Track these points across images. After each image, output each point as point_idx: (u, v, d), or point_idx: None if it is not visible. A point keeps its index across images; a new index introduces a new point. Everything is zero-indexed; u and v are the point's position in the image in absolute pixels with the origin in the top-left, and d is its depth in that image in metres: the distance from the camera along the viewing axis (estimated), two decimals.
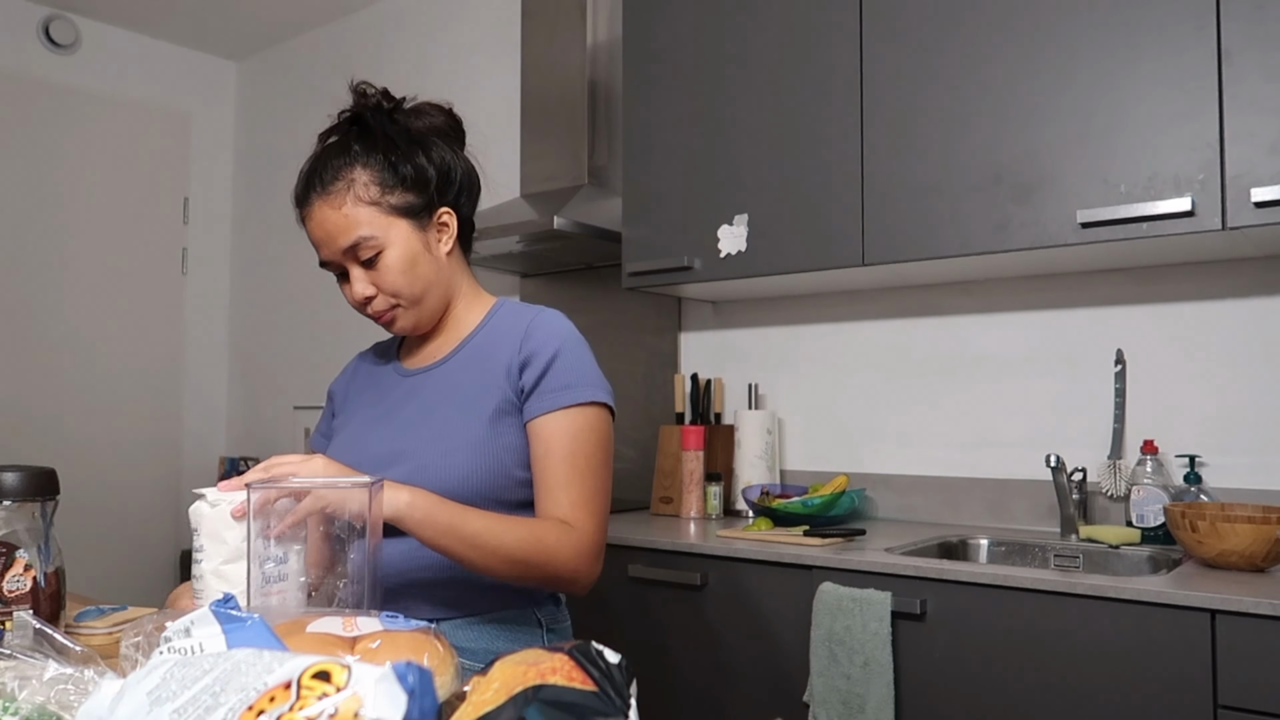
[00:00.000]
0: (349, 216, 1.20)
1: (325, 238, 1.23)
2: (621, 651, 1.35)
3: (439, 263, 1.27)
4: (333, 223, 1.21)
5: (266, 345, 3.95)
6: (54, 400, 3.52)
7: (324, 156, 1.25)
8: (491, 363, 1.24)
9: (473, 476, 1.17)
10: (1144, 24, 1.69)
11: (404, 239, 1.23)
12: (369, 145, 1.24)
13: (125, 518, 3.68)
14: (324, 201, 1.22)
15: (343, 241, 1.21)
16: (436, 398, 1.25)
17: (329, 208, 1.21)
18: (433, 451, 1.18)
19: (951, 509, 2.22)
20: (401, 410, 1.27)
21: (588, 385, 1.21)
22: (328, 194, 1.21)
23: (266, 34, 3.88)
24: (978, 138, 1.85)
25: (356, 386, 1.40)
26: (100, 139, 3.69)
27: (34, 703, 0.67)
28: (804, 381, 2.49)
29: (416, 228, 1.24)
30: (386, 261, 1.22)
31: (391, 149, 1.23)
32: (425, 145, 1.27)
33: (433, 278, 1.26)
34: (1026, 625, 1.53)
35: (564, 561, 1.13)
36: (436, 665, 0.69)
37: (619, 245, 2.42)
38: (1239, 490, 1.87)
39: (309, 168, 1.26)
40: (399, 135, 1.25)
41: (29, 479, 1.07)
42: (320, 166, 1.24)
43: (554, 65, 2.73)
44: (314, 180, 1.23)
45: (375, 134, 1.24)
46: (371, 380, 1.38)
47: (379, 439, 1.25)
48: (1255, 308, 1.90)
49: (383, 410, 1.30)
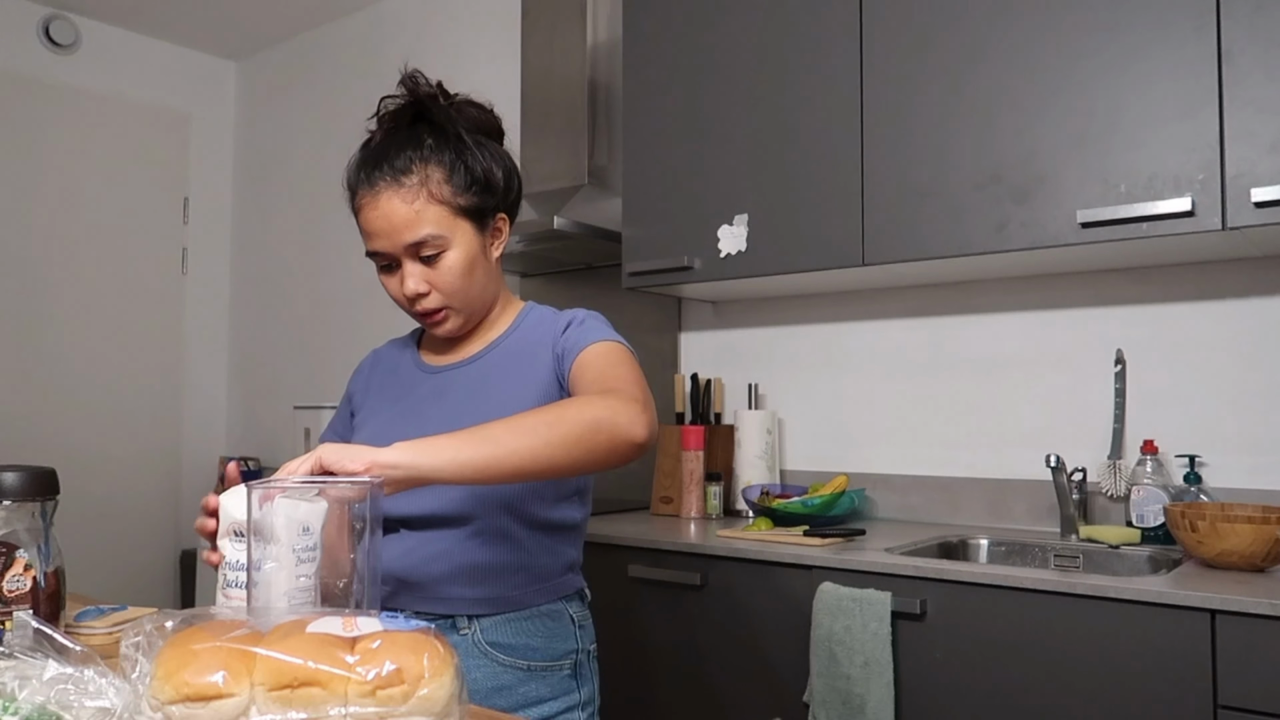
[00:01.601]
0: (420, 213, 1.17)
1: (388, 229, 1.17)
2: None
3: (491, 267, 1.26)
4: (401, 216, 1.17)
5: (266, 345, 3.95)
6: (54, 400, 3.52)
7: (394, 144, 1.20)
8: (528, 357, 1.23)
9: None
10: (1144, 23, 1.69)
11: (467, 241, 1.20)
12: (442, 141, 1.20)
13: (125, 518, 3.68)
14: (394, 192, 1.17)
15: (408, 237, 1.17)
16: (467, 397, 1.23)
17: (399, 200, 1.17)
18: None
19: (951, 509, 2.22)
20: (430, 409, 1.25)
21: (611, 334, 1.22)
22: (400, 185, 1.17)
23: (266, 34, 3.88)
24: (978, 138, 1.85)
25: (376, 382, 1.36)
26: (100, 139, 3.69)
27: (34, 703, 0.67)
28: (804, 381, 2.49)
29: (478, 231, 1.22)
30: (447, 262, 1.19)
31: (463, 148, 1.20)
32: (488, 147, 1.24)
33: (485, 282, 1.25)
34: (1026, 625, 1.53)
35: (624, 427, 1.03)
36: (436, 665, 0.69)
37: (619, 245, 2.42)
38: (1239, 490, 1.87)
39: (375, 152, 1.20)
40: (466, 134, 1.22)
41: (29, 479, 1.07)
42: (392, 154, 1.18)
43: (554, 65, 2.73)
44: (384, 166, 1.18)
45: (447, 131, 1.21)
46: (392, 375, 1.34)
47: (409, 436, 1.23)
48: (1255, 308, 1.90)
49: (408, 407, 1.27)
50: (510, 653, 1.18)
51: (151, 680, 0.67)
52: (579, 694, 1.24)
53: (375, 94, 1.31)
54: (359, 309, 3.56)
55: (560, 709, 1.21)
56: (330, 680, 0.67)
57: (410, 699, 0.67)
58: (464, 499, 1.16)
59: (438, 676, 0.69)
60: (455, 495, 1.16)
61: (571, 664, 1.23)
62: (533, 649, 1.19)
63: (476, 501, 1.16)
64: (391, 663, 0.68)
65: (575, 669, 1.24)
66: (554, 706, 1.20)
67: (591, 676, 1.27)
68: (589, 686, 1.26)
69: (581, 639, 1.26)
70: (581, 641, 1.25)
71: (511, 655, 1.18)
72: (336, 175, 1.20)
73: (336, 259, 3.66)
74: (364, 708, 0.67)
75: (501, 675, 1.17)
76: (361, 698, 0.67)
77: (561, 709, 1.21)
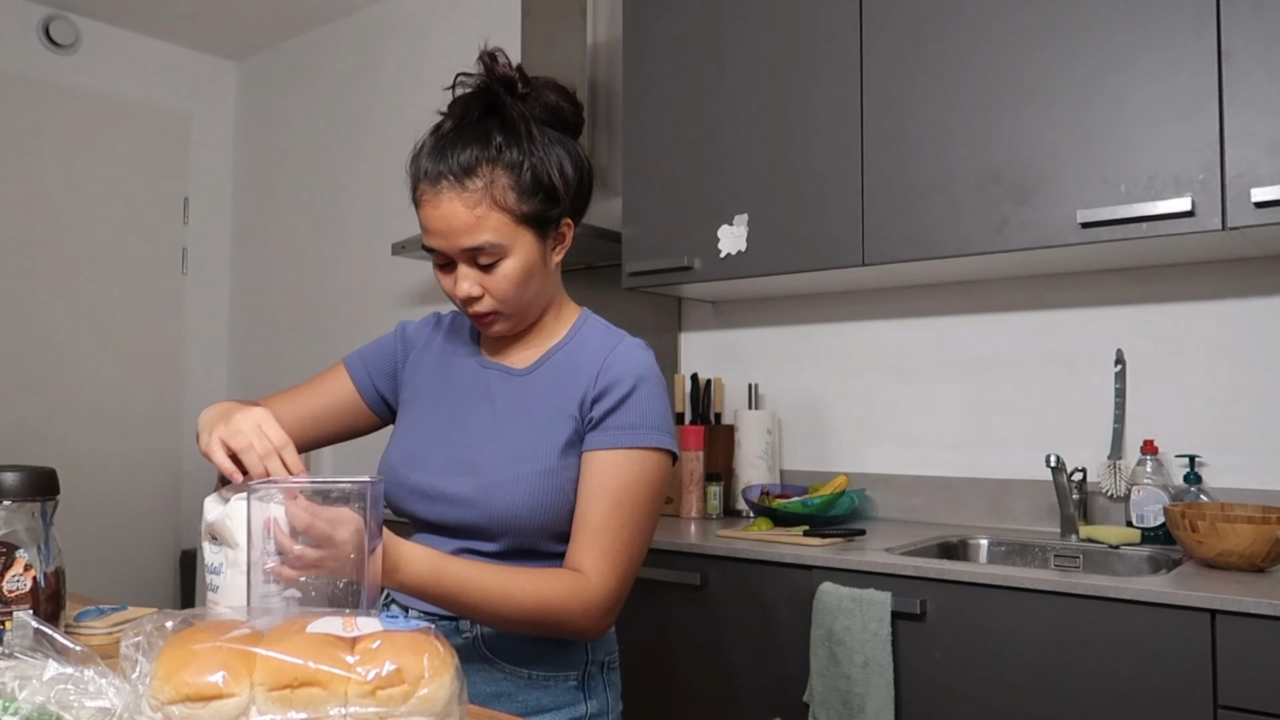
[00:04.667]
0: (480, 219, 1.11)
1: (447, 231, 1.12)
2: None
3: (549, 273, 1.21)
4: (461, 220, 1.12)
5: (266, 345, 3.95)
6: (54, 400, 3.52)
7: (462, 139, 1.14)
8: (568, 389, 1.18)
9: (539, 507, 1.13)
10: (1144, 23, 1.69)
11: (526, 250, 1.15)
12: (511, 139, 1.14)
13: (125, 518, 3.68)
14: (456, 194, 1.11)
15: (465, 242, 1.12)
16: (512, 410, 1.20)
17: (460, 203, 1.11)
18: (504, 474, 1.14)
19: (951, 509, 2.22)
20: (475, 414, 1.21)
21: (655, 430, 1.15)
22: (463, 188, 1.11)
23: (266, 34, 3.88)
24: (977, 138, 1.85)
25: (429, 363, 1.31)
26: (100, 139, 3.69)
27: (34, 703, 0.67)
28: (804, 381, 2.49)
29: (539, 238, 1.16)
30: (504, 270, 1.14)
31: (533, 150, 1.14)
32: (563, 144, 1.18)
33: (541, 289, 1.20)
34: (1026, 625, 1.53)
35: (573, 621, 1.08)
36: (436, 666, 0.69)
37: (619, 245, 2.42)
38: (1239, 490, 1.87)
39: (441, 144, 1.14)
40: (538, 132, 1.16)
41: (29, 479, 1.07)
42: (458, 150, 1.12)
43: (554, 65, 2.72)
44: (450, 163, 1.12)
45: (518, 128, 1.14)
46: (450, 364, 1.29)
47: (451, 443, 1.20)
48: (1255, 308, 1.90)
49: (456, 407, 1.23)
50: (512, 659, 1.16)
51: (151, 680, 0.67)
52: (585, 706, 1.19)
53: (375, 94, 1.30)
54: (359, 309, 3.56)
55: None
56: (330, 680, 0.67)
57: (410, 699, 0.67)
58: (487, 523, 1.15)
59: (438, 677, 0.69)
60: (470, 514, 1.15)
61: (579, 675, 1.19)
62: (536, 657, 1.16)
63: (491, 519, 1.15)
64: (391, 663, 0.68)
65: (583, 680, 1.19)
66: (555, 718, 1.17)
67: (605, 689, 1.22)
68: (600, 700, 1.21)
69: (593, 650, 1.21)
70: (593, 653, 1.21)
71: (513, 662, 1.16)
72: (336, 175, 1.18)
73: (336, 259, 3.66)
74: (364, 708, 0.67)
75: (501, 682, 1.15)
76: (361, 698, 0.67)
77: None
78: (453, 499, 1.16)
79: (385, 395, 1.33)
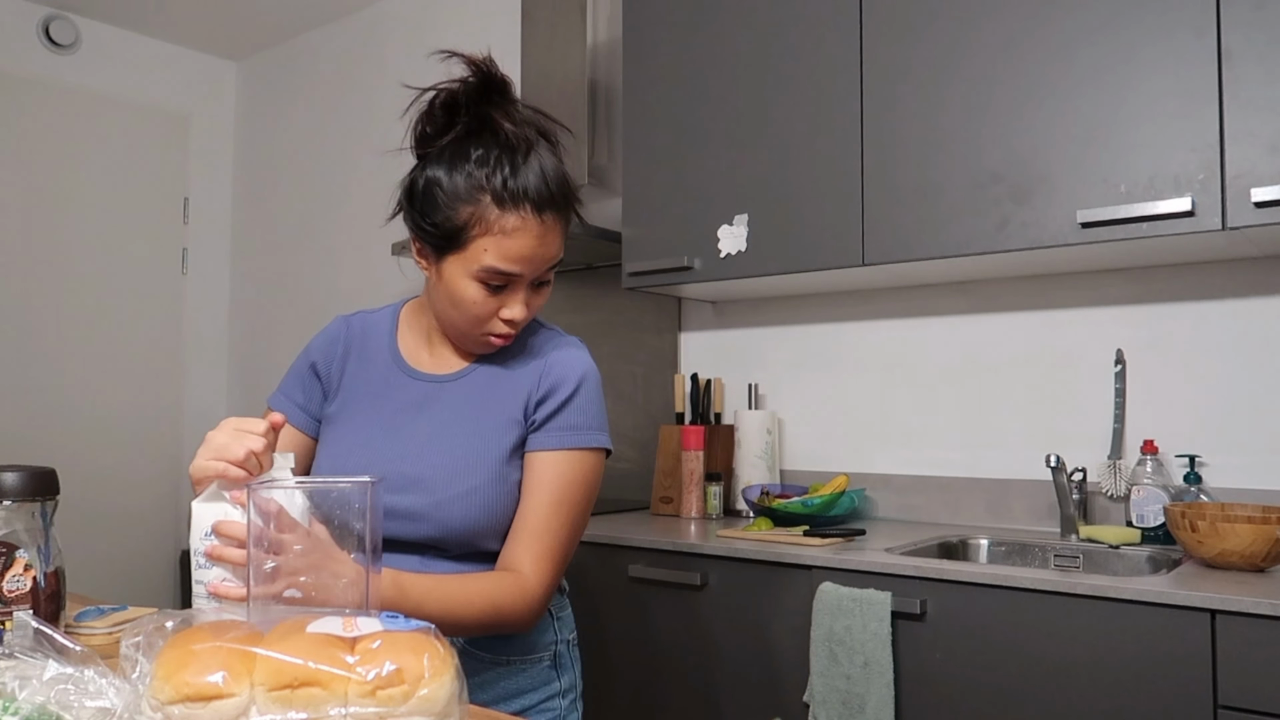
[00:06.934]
0: (562, 246, 1.15)
1: (537, 258, 1.12)
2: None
3: None
4: (555, 247, 1.13)
5: (266, 345, 3.95)
6: (54, 400, 3.52)
7: (561, 169, 1.14)
8: (510, 393, 1.19)
9: (492, 517, 1.15)
10: (1144, 23, 1.69)
11: None
12: (552, 146, 1.16)
13: (125, 518, 3.68)
14: (558, 222, 1.13)
15: (545, 266, 1.14)
16: (451, 418, 1.19)
17: (557, 233, 1.13)
18: (455, 489, 1.14)
19: (951, 509, 2.22)
20: (412, 422, 1.20)
21: (596, 430, 1.19)
22: (564, 217, 1.14)
23: (266, 34, 3.88)
24: (978, 137, 1.85)
25: (351, 369, 1.27)
26: (100, 139, 3.69)
27: (34, 703, 0.67)
28: (804, 381, 2.49)
29: None
30: (547, 290, 1.18)
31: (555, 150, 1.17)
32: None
33: None
34: (1026, 625, 1.53)
35: (518, 619, 1.13)
36: (436, 666, 0.69)
37: (619, 245, 2.42)
38: (1239, 490, 1.87)
39: (550, 172, 1.11)
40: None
41: (29, 479, 1.07)
42: (565, 181, 1.13)
43: (554, 65, 2.72)
44: (561, 195, 1.12)
45: (547, 129, 1.16)
46: (373, 371, 1.26)
47: (389, 455, 1.18)
48: (1255, 308, 1.90)
49: (389, 416, 1.21)
50: (490, 649, 1.19)
51: (151, 680, 0.67)
52: (559, 683, 1.26)
53: (375, 94, 1.29)
54: (358, 309, 3.55)
55: (541, 699, 1.23)
56: (330, 680, 0.67)
57: (410, 699, 0.67)
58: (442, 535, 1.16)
59: (438, 677, 0.69)
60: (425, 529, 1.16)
61: (551, 655, 1.25)
62: (511, 644, 1.21)
63: (447, 533, 1.16)
64: (391, 663, 0.68)
65: (555, 660, 1.26)
66: (534, 697, 1.23)
67: (572, 665, 1.29)
68: (569, 675, 1.28)
69: (560, 630, 1.27)
70: (560, 633, 1.27)
71: (491, 651, 1.19)
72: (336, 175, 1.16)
73: (336, 259, 3.66)
74: (364, 708, 0.67)
75: (482, 671, 1.19)
76: (361, 698, 0.67)
77: (542, 698, 1.23)
78: (404, 514, 1.15)
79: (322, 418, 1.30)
